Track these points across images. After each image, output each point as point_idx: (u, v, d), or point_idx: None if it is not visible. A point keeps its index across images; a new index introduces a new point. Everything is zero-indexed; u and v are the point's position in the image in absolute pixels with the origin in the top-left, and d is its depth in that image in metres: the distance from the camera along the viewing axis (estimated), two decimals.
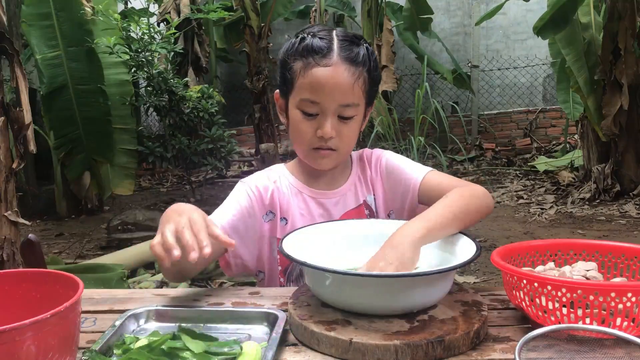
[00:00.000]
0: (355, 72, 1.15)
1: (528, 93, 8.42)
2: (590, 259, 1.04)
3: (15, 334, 0.67)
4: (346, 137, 1.20)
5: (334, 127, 1.17)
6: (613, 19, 5.03)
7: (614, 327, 0.83)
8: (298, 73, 1.17)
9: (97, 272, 3.24)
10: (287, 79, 1.20)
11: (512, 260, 1.02)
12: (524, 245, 1.05)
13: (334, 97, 1.15)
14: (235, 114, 7.80)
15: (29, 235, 1.49)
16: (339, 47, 1.15)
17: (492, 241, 4.12)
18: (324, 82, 1.14)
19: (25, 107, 2.37)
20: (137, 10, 6.55)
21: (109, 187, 5.57)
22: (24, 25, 5.07)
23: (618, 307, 0.83)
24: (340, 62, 1.14)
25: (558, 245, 1.06)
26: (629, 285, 0.85)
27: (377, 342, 0.83)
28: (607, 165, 5.24)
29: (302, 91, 1.17)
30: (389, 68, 6.84)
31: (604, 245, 1.04)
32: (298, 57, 1.17)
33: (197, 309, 1.02)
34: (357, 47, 1.17)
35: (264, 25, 6.86)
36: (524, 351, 0.80)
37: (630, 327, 0.84)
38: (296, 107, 1.19)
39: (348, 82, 1.14)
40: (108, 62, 5.31)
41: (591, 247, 1.04)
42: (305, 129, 1.19)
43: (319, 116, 1.17)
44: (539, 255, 1.05)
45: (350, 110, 1.17)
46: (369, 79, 1.19)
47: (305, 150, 1.23)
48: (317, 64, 1.14)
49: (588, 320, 0.84)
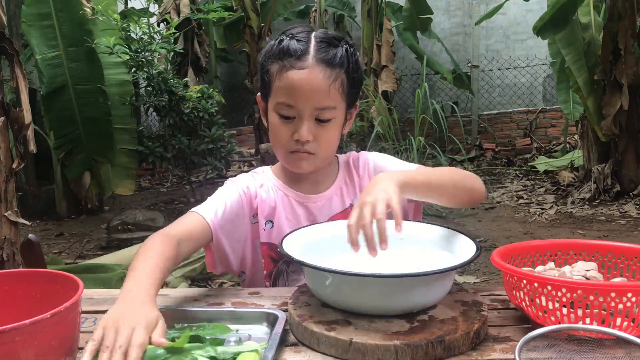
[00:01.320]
0: (331, 74, 1.13)
1: (528, 93, 8.41)
2: (590, 259, 1.04)
3: (15, 334, 0.67)
4: (324, 140, 1.18)
5: (310, 131, 1.15)
6: (613, 19, 5.03)
7: (614, 327, 0.83)
8: (274, 76, 1.16)
9: (97, 272, 3.24)
10: (265, 82, 1.19)
11: (512, 260, 1.02)
12: (524, 245, 1.05)
13: (310, 100, 1.13)
14: (235, 114, 7.80)
15: (29, 235, 1.49)
16: (316, 49, 1.14)
17: (492, 241, 4.12)
18: (298, 86, 1.12)
19: (25, 107, 2.37)
20: (137, 10, 6.54)
21: (109, 187, 5.57)
22: (24, 25, 5.06)
23: (618, 307, 0.83)
24: (316, 64, 1.12)
25: (558, 245, 1.06)
26: (629, 286, 0.85)
27: (377, 342, 0.83)
28: (607, 165, 5.24)
29: (278, 94, 1.16)
30: (388, 68, 6.83)
31: (604, 245, 1.04)
32: (275, 60, 1.16)
33: (197, 309, 1.02)
34: (334, 48, 1.15)
35: (264, 25, 6.86)
36: (524, 351, 0.80)
37: (631, 327, 0.84)
38: (274, 110, 1.18)
39: (324, 84, 1.12)
40: (108, 62, 5.30)
41: (591, 247, 1.04)
42: (283, 133, 1.17)
43: (296, 119, 1.16)
44: (539, 255, 1.05)
45: (327, 113, 1.15)
46: (347, 81, 1.16)
47: (283, 153, 1.21)
48: (292, 67, 1.13)
49: (588, 320, 0.84)
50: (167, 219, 4.64)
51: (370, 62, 6.88)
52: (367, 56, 6.92)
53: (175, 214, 5.35)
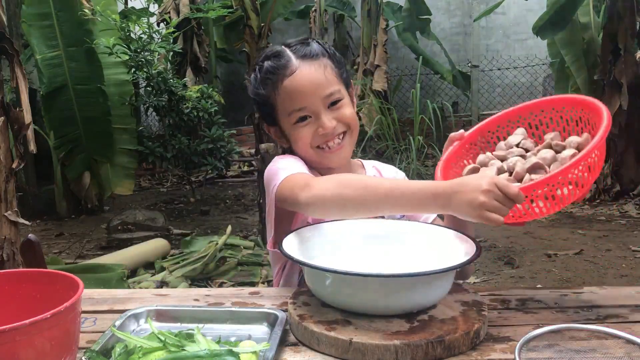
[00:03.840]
0: (319, 64, 1.20)
1: (528, 93, 8.41)
2: (519, 125, 1.11)
3: (15, 334, 0.67)
4: (347, 117, 1.22)
5: (331, 119, 1.20)
6: (612, 19, 5.03)
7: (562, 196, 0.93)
8: (273, 95, 1.22)
9: (97, 272, 3.24)
10: (265, 106, 1.24)
11: (458, 158, 1.12)
12: (463, 143, 1.14)
13: (315, 94, 1.19)
14: (235, 114, 7.79)
15: (29, 235, 1.49)
16: (293, 53, 1.21)
17: (492, 241, 4.12)
18: (299, 87, 1.19)
19: (25, 107, 2.37)
20: (137, 10, 6.54)
21: (109, 187, 5.57)
22: (24, 25, 5.06)
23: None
24: (302, 63, 1.20)
25: (487, 126, 1.15)
26: (565, 169, 0.91)
27: (377, 342, 0.83)
28: (607, 165, 5.24)
29: (285, 106, 1.21)
30: (380, 68, 6.81)
31: (522, 108, 1.12)
32: (265, 83, 1.23)
33: (197, 309, 1.02)
34: (307, 45, 1.23)
35: (264, 25, 6.85)
36: (524, 351, 0.80)
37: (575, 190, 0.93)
38: (290, 123, 1.22)
39: (318, 74, 1.19)
40: (108, 62, 5.30)
41: (513, 115, 1.13)
42: (306, 134, 1.21)
43: (312, 118, 1.21)
44: (484, 140, 1.14)
45: (336, 95, 1.21)
46: (334, 65, 1.23)
47: (313, 153, 1.23)
48: (285, 76, 1.19)
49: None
50: (167, 219, 4.64)
51: (369, 62, 6.88)
52: (367, 56, 6.92)
53: (175, 214, 5.36)
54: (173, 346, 0.81)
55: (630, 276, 3.36)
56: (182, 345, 0.82)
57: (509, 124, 1.13)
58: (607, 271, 3.45)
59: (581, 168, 0.93)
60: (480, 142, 1.15)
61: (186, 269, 3.35)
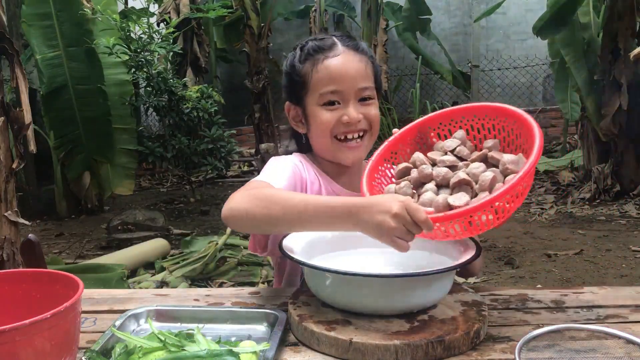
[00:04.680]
0: (362, 58, 1.23)
1: (528, 93, 8.41)
2: (462, 125, 1.10)
3: (15, 334, 0.67)
4: (373, 116, 1.23)
5: (358, 111, 1.21)
6: (612, 19, 5.03)
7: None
8: (310, 72, 1.22)
9: (97, 272, 3.24)
10: (297, 84, 1.24)
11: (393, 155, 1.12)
12: (395, 142, 1.14)
13: (352, 82, 1.20)
14: (235, 114, 7.79)
15: (29, 235, 1.49)
16: (341, 41, 1.24)
17: (492, 241, 4.12)
18: (339, 69, 1.20)
19: (25, 107, 2.37)
20: (137, 10, 6.54)
21: (109, 187, 5.57)
22: (24, 25, 5.06)
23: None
24: (347, 50, 1.22)
25: (429, 122, 1.14)
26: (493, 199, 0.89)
27: (377, 342, 0.83)
28: (607, 165, 5.24)
29: (319, 86, 1.21)
30: (381, 68, 6.83)
31: (466, 109, 1.11)
32: (306, 60, 1.23)
33: (197, 309, 1.02)
34: (354, 40, 1.26)
35: (264, 25, 6.86)
36: (524, 351, 0.80)
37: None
38: (317, 104, 1.22)
39: (360, 66, 1.22)
40: (108, 62, 5.30)
41: (457, 114, 1.11)
42: (329, 119, 1.21)
43: (341, 105, 1.21)
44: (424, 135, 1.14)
45: (369, 92, 1.22)
46: (373, 67, 1.26)
47: (330, 143, 1.22)
48: (327, 57, 1.21)
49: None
50: (167, 219, 4.64)
51: None
52: None
53: (175, 214, 5.35)
54: (173, 346, 0.81)
55: (630, 276, 3.35)
56: (182, 345, 0.82)
57: (452, 122, 1.12)
58: (607, 271, 3.44)
59: (504, 200, 0.91)
60: (418, 138, 1.15)
61: (186, 269, 3.35)
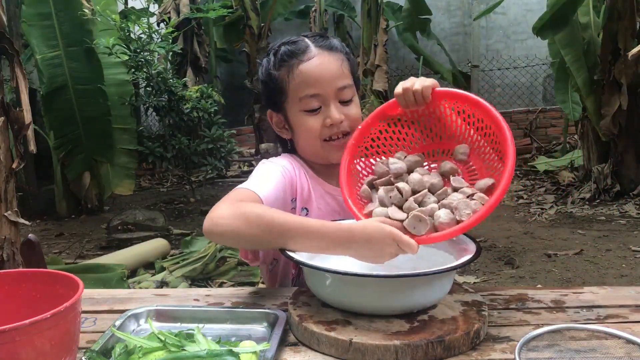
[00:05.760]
0: (337, 57, 1.21)
1: (528, 93, 8.41)
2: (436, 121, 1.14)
3: (15, 334, 0.67)
4: (354, 116, 1.22)
5: (339, 112, 1.20)
6: (613, 19, 5.03)
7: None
8: (287, 79, 1.20)
9: (97, 272, 3.24)
10: (275, 91, 1.22)
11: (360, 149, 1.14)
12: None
13: (330, 83, 1.19)
14: (235, 114, 7.79)
15: (29, 235, 1.49)
16: (314, 42, 1.22)
17: (492, 241, 4.12)
18: (316, 73, 1.18)
19: (25, 107, 2.36)
20: (136, 10, 6.54)
21: (109, 187, 5.57)
22: (24, 25, 5.06)
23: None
24: (321, 52, 1.20)
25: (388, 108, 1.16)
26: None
27: (377, 342, 0.83)
28: (607, 165, 5.24)
29: (297, 91, 1.19)
30: (381, 68, 6.80)
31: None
32: (281, 66, 1.21)
33: (197, 309, 1.02)
34: (327, 39, 1.24)
35: (264, 25, 6.86)
36: (524, 351, 0.80)
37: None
38: (297, 110, 1.21)
39: (335, 65, 1.20)
40: (108, 62, 5.30)
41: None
42: (313, 124, 1.20)
43: (322, 109, 1.20)
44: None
45: (348, 92, 1.21)
46: (349, 64, 1.24)
47: (318, 146, 1.22)
48: (302, 61, 1.19)
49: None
50: (167, 219, 4.64)
51: (369, 62, 6.87)
52: (367, 56, 6.91)
53: (175, 214, 5.35)
54: (173, 346, 0.81)
55: (630, 276, 3.35)
56: (182, 345, 0.82)
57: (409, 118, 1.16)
58: (607, 271, 3.44)
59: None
60: (365, 142, 1.16)
61: (186, 269, 3.35)
